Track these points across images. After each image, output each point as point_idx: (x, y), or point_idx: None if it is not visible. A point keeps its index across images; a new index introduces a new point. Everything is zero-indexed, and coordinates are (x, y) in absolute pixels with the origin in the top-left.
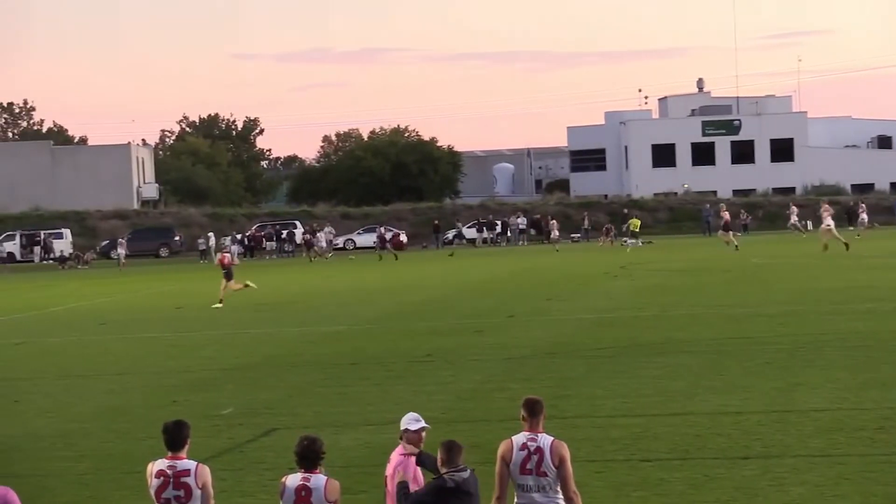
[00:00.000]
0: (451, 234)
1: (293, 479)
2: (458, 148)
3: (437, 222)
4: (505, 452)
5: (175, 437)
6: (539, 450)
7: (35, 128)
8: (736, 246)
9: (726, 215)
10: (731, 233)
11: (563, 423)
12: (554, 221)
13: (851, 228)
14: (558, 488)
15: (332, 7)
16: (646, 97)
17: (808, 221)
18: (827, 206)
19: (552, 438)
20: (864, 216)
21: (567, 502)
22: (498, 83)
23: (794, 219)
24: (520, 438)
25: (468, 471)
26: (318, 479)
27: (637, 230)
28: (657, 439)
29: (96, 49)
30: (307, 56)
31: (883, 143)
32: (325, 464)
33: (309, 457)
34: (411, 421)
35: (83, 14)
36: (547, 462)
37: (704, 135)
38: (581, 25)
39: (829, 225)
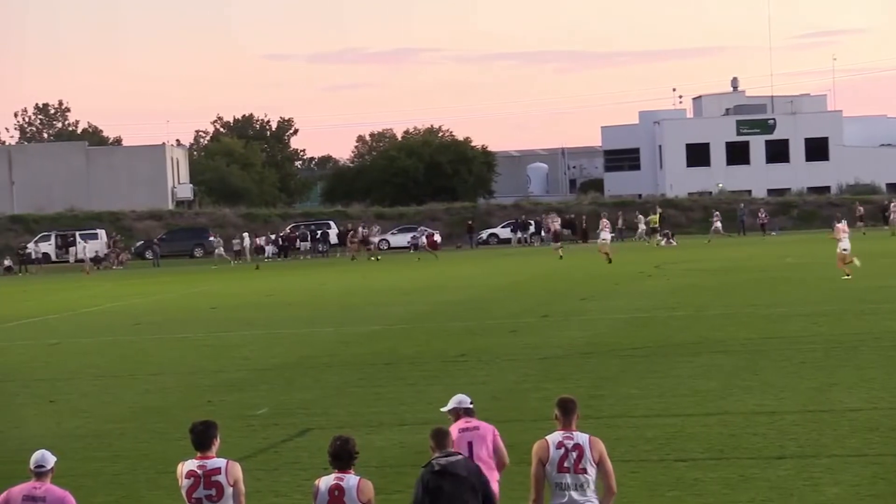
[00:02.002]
0: (485, 235)
1: (326, 480)
2: (491, 148)
3: (470, 222)
4: (541, 452)
5: (202, 438)
6: (578, 447)
7: (70, 128)
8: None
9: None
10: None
11: (598, 422)
12: (605, 221)
13: (886, 227)
14: (594, 487)
15: (363, 8)
16: (680, 96)
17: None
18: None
19: (588, 435)
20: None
21: (608, 495)
22: (531, 83)
23: (717, 224)
24: (555, 437)
25: (459, 456)
26: (351, 479)
27: (657, 225)
28: (692, 439)
29: (131, 50)
30: (340, 57)
31: None
32: (358, 464)
33: (342, 457)
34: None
35: (117, 16)
36: (587, 458)
37: (739, 134)
38: (614, 25)
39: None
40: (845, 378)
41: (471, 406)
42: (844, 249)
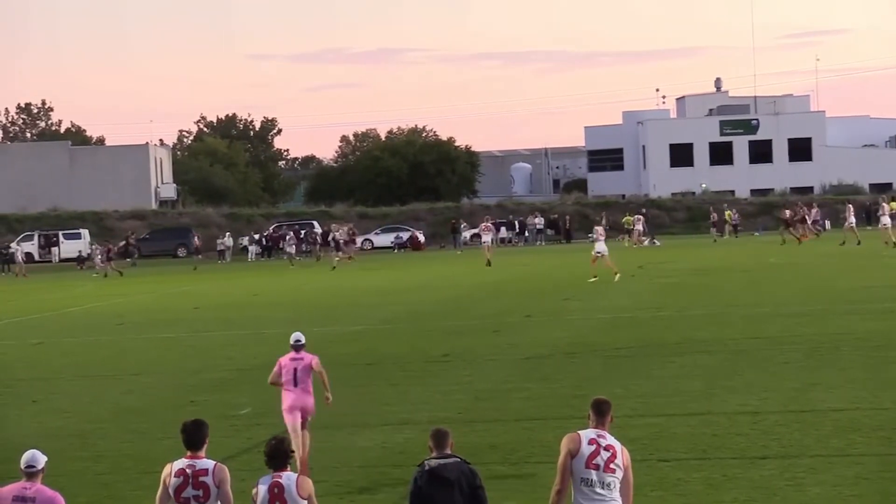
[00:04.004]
0: (468, 235)
1: (265, 480)
2: (475, 148)
3: (454, 222)
4: (572, 445)
5: (194, 437)
6: (611, 447)
7: (53, 128)
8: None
9: (813, 211)
10: (792, 229)
11: (580, 422)
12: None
13: (870, 228)
14: (618, 491)
15: (347, 7)
16: (663, 97)
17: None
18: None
19: (620, 442)
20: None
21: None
22: (514, 83)
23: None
24: (588, 433)
25: (454, 459)
26: (290, 476)
27: (631, 227)
28: (675, 439)
29: (113, 50)
30: (323, 56)
31: None
32: (340, 465)
33: (278, 456)
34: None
35: (100, 15)
36: (619, 461)
37: (722, 134)
38: (597, 25)
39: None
40: (827, 378)
41: (303, 343)
42: (598, 252)
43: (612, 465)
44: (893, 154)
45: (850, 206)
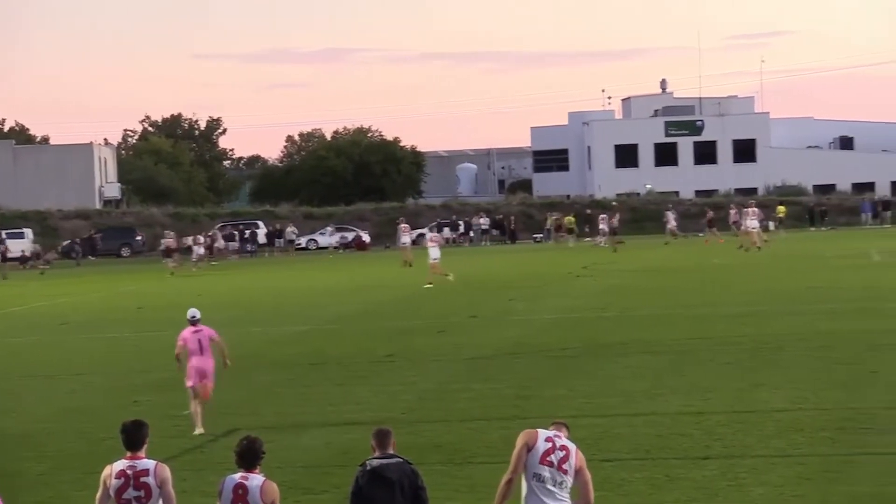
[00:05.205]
0: (413, 234)
1: (232, 479)
2: (421, 148)
3: (399, 222)
4: (529, 438)
5: (133, 437)
6: (566, 447)
7: None
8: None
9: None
10: (714, 229)
11: (525, 423)
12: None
13: (813, 229)
14: (568, 491)
15: (294, 7)
16: (609, 98)
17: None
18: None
19: (575, 445)
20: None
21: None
22: (461, 84)
23: (672, 224)
24: (545, 432)
25: (396, 459)
26: (256, 479)
27: (573, 227)
28: (619, 439)
29: (58, 48)
30: (270, 56)
31: (845, 143)
32: (284, 464)
33: (248, 456)
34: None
35: (45, 13)
36: (571, 461)
37: (667, 135)
38: (545, 26)
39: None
40: (771, 379)
41: (199, 318)
42: (435, 259)
43: (564, 466)
44: (837, 155)
45: (756, 209)
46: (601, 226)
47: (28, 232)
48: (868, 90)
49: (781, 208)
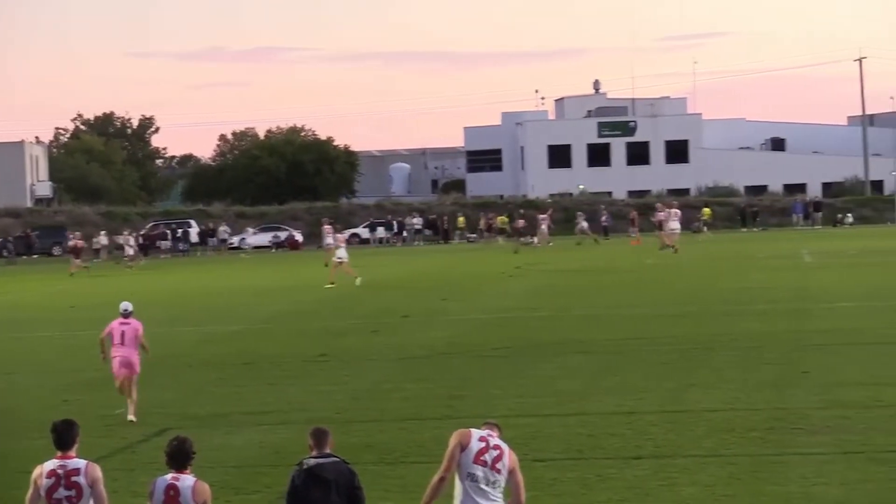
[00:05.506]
0: (346, 234)
1: (163, 480)
2: (354, 148)
3: (332, 222)
4: (462, 438)
5: (64, 437)
6: (499, 447)
7: None
8: (671, 247)
9: (662, 215)
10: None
11: (457, 423)
12: (521, 221)
13: (745, 230)
14: (501, 491)
15: (227, 6)
16: (542, 98)
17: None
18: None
19: (508, 445)
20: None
21: None
22: (394, 83)
23: (583, 224)
24: (479, 431)
25: (333, 459)
26: (188, 480)
27: (505, 226)
28: (551, 439)
29: None
30: (204, 55)
31: (776, 144)
32: (214, 464)
33: (178, 457)
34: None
35: None
36: (504, 461)
37: (600, 136)
38: (478, 26)
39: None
40: (703, 379)
41: (131, 311)
42: (339, 259)
43: (497, 465)
44: (768, 156)
45: (676, 210)
46: (542, 226)
47: None
48: (800, 92)
49: (707, 210)
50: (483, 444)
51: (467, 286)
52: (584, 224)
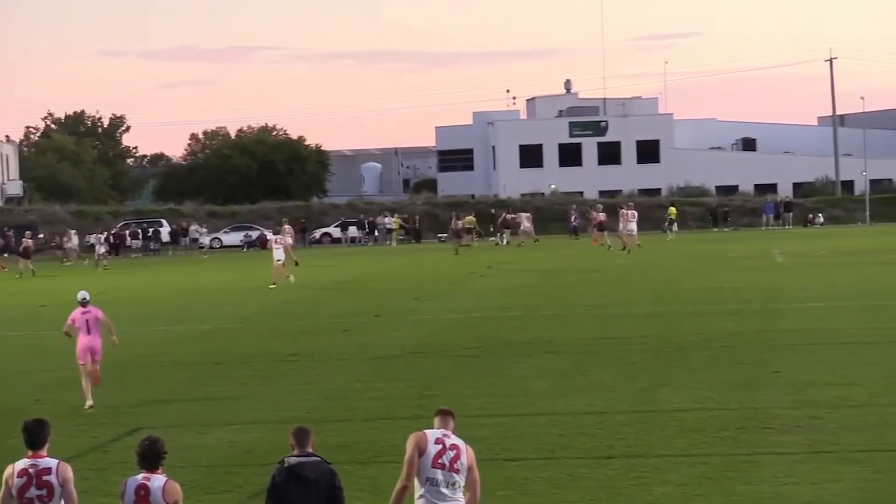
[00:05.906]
0: (318, 234)
1: (134, 480)
2: (326, 147)
3: (304, 221)
4: (420, 442)
5: (35, 436)
6: (455, 447)
7: None
8: (609, 246)
9: (601, 216)
10: (605, 233)
11: (428, 422)
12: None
13: (716, 230)
14: (462, 491)
15: (198, 5)
16: (514, 98)
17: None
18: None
19: (464, 442)
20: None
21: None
22: (367, 83)
23: (526, 224)
24: (434, 433)
25: (315, 458)
26: (158, 480)
27: (472, 226)
28: (522, 439)
29: None
30: (175, 54)
31: (747, 145)
32: (186, 464)
33: (149, 457)
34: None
35: None
36: (462, 460)
37: (571, 136)
38: (449, 25)
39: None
40: (674, 378)
41: (88, 300)
42: (278, 260)
43: (456, 465)
44: (739, 157)
45: (633, 211)
46: (524, 224)
47: None
48: (771, 92)
49: (672, 209)
50: (440, 447)
51: (439, 286)
52: (529, 225)
